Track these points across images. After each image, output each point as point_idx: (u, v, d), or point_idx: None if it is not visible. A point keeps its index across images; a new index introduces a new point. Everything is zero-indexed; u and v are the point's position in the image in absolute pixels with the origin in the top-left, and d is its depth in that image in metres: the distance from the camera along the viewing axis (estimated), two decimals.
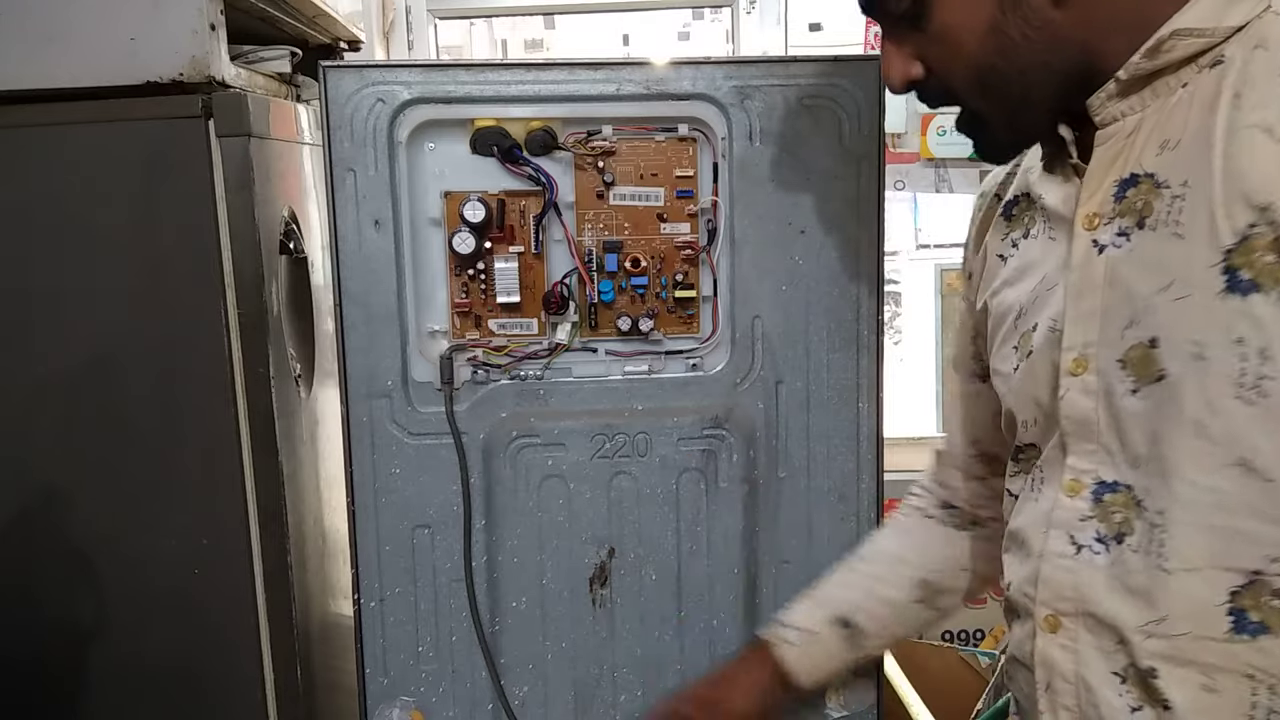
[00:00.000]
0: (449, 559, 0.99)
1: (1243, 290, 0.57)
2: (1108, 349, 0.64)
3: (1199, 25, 0.60)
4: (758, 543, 1.03)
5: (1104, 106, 0.64)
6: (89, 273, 0.96)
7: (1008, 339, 0.74)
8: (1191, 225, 0.60)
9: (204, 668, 1.02)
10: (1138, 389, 0.62)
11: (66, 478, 0.99)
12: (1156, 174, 0.62)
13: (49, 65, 0.92)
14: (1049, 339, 0.68)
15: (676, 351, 1.00)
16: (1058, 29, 0.63)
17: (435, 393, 0.97)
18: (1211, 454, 0.59)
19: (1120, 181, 0.64)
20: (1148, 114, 0.63)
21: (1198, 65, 0.61)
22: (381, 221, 0.93)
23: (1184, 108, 0.61)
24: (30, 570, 1.00)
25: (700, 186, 0.97)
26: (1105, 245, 0.64)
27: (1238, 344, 0.57)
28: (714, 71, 0.94)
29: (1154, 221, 0.62)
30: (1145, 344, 0.62)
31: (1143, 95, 0.63)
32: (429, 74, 0.92)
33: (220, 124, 0.94)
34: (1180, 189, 0.60)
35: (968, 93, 0.68)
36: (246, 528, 0.99)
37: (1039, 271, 0.71)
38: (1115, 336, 0.64)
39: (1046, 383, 0.68)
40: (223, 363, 0.96)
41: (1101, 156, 0.65)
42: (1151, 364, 0.61)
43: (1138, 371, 0.62)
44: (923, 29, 0.66)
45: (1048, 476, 0.70)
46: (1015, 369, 0.72)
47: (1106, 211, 0.65)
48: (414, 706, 1.00)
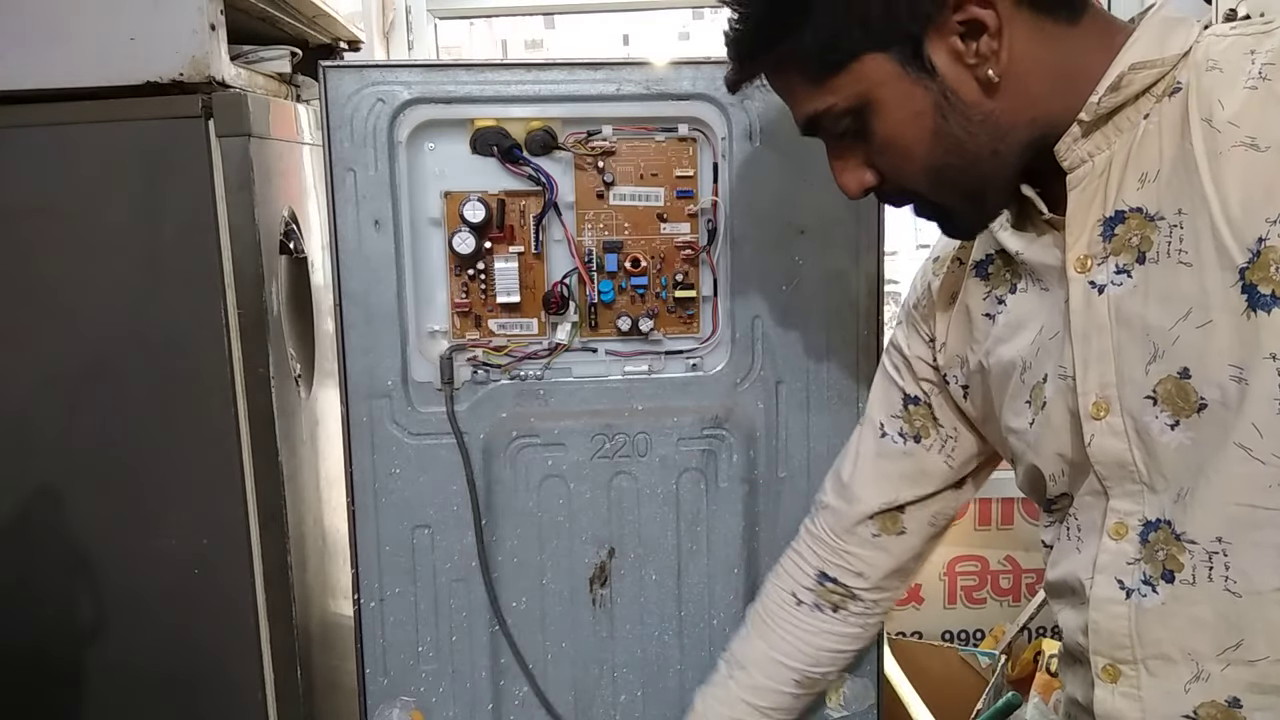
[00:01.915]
0: (449, 559, 0.99)
1: (1265, 306, 0.56)
2: (1132, 387, 0.63)
3: (1148, 58, 0.61)
4: (758, 543, 1.03)
5: (1070, 150, 0.64)
6: (89, 273, 0.95)
7: (1017, 395, 0.73)
8: (1197, 251, 0.59)
9: (204, 668, 1.02)
10: (1177, 422, 0.62)
11: (67, 478, 0.98)
12: (1145, 207, 0.62)
13: (49, 65, 0.92)
14: (1061, 387, 0.67)
15: (676, 351, 1.00)
16: (999, 118, 0.63)
17: (435, 393, 0.97)
18: (1265, 474, 0.58)
19: (1105, 220, 0.64)
20: (1115, 150, 0.63)
21: (1154, 95, 0.62)
22: (381, 221, 0.93)
23: (1154, 138, 0.62)
24: (30, 570, 1.00)
25: (700, 186, 0.97)
26: (1104, 285, 0.64)
27: (1271, 360, 0.57)
28: (714, 71, 0.94)
29: (1155, 254, 0.61)
30: (1175, 376, 0.61)
31: (1106, 133, 0.63)
32: (429, 74, 0.92)
33: (220, 124, 0.94)
34: (1176, 218, 0.60)
35: (927, 191, 0.68)
36: (246, 528, 0.99)
37: (1035, 323, 0.71)
38: (1138, 374, 0.63)
39: (1068, 431, 0.68)
40: (223, 363, 0.96)
41: (1079, 200, 0.65)
42: (1188, 395, 0.61)
43: (1174, 405, 0.62)
44: (868, 142, 0.66)
45: (1084, 524, 0.69)
46: (1031, 424, 0.71)
47: (1097, 252, 0.64)
48: (414, 706, 1.00)
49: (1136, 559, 0.65)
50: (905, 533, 0.88)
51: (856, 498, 0.88)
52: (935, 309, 0.82)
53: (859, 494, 0.88)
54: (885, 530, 0.88)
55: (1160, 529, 0.64)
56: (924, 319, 0.83)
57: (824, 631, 0.91)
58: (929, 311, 0.83)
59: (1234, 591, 0.60)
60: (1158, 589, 0.64)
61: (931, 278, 0.83)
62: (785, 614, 0.92)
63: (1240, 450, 0.59)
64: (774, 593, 0.94)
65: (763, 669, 0.92)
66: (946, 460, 0.85)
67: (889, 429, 0.87)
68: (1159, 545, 0.64)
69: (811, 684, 0.94)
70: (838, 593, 0.91)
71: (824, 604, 0.91)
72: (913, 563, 0.91)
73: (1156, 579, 0.64)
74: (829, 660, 0.93)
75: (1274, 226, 0.56)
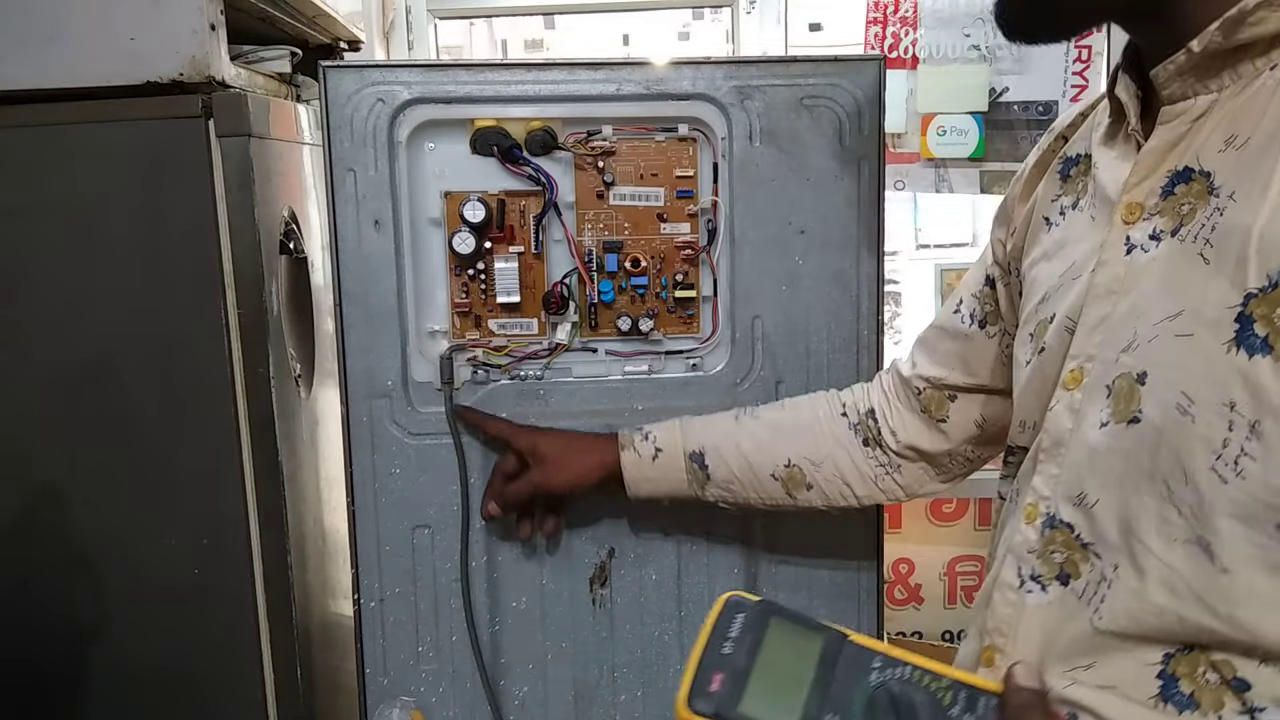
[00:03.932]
0: (449, 559, 0.99)
1: (1250, 348, 0.48)
2: (1102, 368, 0.57)
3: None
4: (758, 543, 1.03)
5: (1172, 80, 0.54)
6: (89, 273, 0.95)
7: (1028, 323, 0.67)
8: (1222, 250, 0.50)
9: (204, 667, 1.02)
10: (1107, 423, 0.55)
11: (66, 478, 0.98)
12: (1214, 174, 0.52)
13: (49, 65, 0.92)
14: (1061, 340, 0.61)
15: (676, 351, 1.00)
16: None
17: (435, 393, 0.97)
18: (1176, 523, 0.51)
19: (1173, 173, 0.55)
20: (1224, 96, 0.52)
21: None
22: (381, 221, 0.93)
23: (1265, 97, 0.51)
24: (30, 570, 1.00)
25: (700, 186, 0.97)
26: (1134, 245, 0.56)
27: (1229, 409, 0.49)
28: (714, 71, 0.94)
29: (1187, 232, 0.53)
30: (1133, 376, 0.54)
31: (1220, 75, 0.52)
32: (429, 74, 0.92)
33: (220, 124, 0.93)
34: (1226, 201, 0.51)
35: None
36: (246, 528, 0.99)
37: (1073, 253, 0.63)
38: (1112, 357, 0.56)
39: (1051, 385, 0.61)
40: (223, 363, 0.96)
41: (1162, 138, 0.55)
42: (1131, 401, 0.54)
43: (1115, 404, 0.55)
44: None
45: (1020, 490, 0.64)
46: (1028, 362, 0.66)
47: (1151, 205, 0.56)
48: (414, 706, 1.00)
49: (1034, 550, 0.60)
50: (946, 422, 0.83)
51: (913, 361, 0.85)
52: (1022, 186, 0.74)
53: (916, 359, 0.85)
54: (930, 408, 0.84)
55: (1058, 529, 0.58)
56: (1014, 200, 0.75)
57: (846, 446, 0.88)
58: (1017, 191, 0.74)
59: (1098, 627, 0.55)
60: (1047, 589, 0.59)
61: (1035, 151, 0.74)
62: (825, 411, 0.90)
63: (1162, 485, 0.52)
64: (825, 395, 0.92)
65: (771, 432, 0.89)
66: (1002, 356, 0.78)
67: (964, 307, 0.81)
68: (1054, 546, 0.58)
69: (793, 482, 0.88)
70: (875, 433, 0.87)
71: (861, 430, 0.88)
72: (945, 460, 0.86)
73: (1049, 579, 0.59)
74: (828, 473, 0.88)
75: None
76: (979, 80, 1.58)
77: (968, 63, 1.60)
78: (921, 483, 0.89)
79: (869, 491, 0.89)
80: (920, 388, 0.84)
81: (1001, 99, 1.61)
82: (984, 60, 1.60)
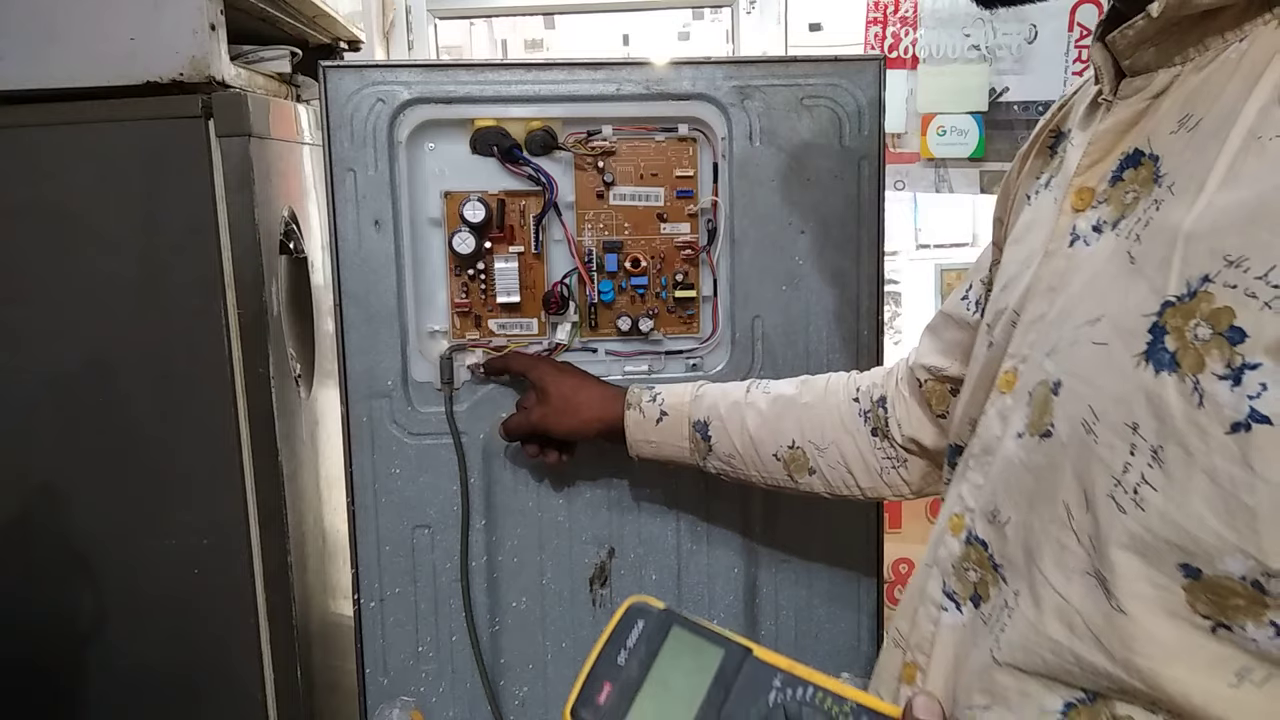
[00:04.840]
0: (449, 559, 0.99)
1: (1159, 364, 0.42)
2: (1029, 373, 0.51)
3: None
4: (757, 543, 1.03)
5: (1131, 49, 0.48)
6: (89, 273, 0.95)
7: (989, 312, 0.61)
8: (1148, 249, 0.44)
9: (204, 667, 1.02)
10: (1023, 434, 0.50)
11: (66, 478, 0.98)
12: (1162, 159, 0.46)
13: (49, 65, 0.92)
14: (1006, 336, 0.56)
15: (676, 351, 1.00)
16: None
17: (435, 393, 0.97)
18: (1075, 552, 0.46)
19: (1124, 156, 0.49)
20: (1186, 71, 0.46)
21: (1271, 16, 0.43)
22: (381, 221, 0.93)
23: (1226, 73, 0.44)
24: (30, 570, 1.00)
25: (700, 186, 0.97)
26: (1079, 237, 0.50)
27: (1131, 431, 0.42)
28: (714, 71, 0.94)
29: (1125, 226, 0.47)
30: (1050, 385, 0.48)
31: (1185, 49, 0.46)
32: (429, 74, 0.92)
33: (220, 124, 0.93)
34: (1165, 192, 0.45)
35: None
36: (246, 528, 0.99)
37: (1034, 239, 0.57)
38: (1038, 361, 0.50)
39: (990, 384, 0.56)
40: (223, 363, 0.96)
41: (1118, 115, 0.49)
42: (1045, 412, 0.48)
43: (1032, 414, 0.49)
44: None
45: (947, 496, 0.60)
46: (981, 355, 0.60)
47: (1101, 191, 0.50)
48: (414, 706, 1.00)
49: (955, 565, 0.55)
50: (947, 418, 0.77)
51: (919, 348, 0.80)
52: (1018, 165, 0.67)
53: (922, 345, 0.80)
54: (931, 402, 0.78)
55: (974, 545, 0.54)
56: (1011, 176, 0.68)
57: (853, 434, 0.83)
58: (1016, 166, 0.68)
59: (997, 660, 0.50)
60: (961, 608, 0.54)
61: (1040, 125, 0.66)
62: (839, 394, 0.85)
63: (1063, 509, 0.46)
64: (844, 376, 0.87)
65: (780, 410, 0.85)
66: None
67: (972, 293, 0.74)
68: (969, 563, 0.54)
69: (795, 464, 0.85)
70: (883, 423, 0.82)
71: (870, 419, 0.82)
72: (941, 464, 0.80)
73: (964, 598, 0.54)
74: (832, 459, 0.83)
75: (1233, 270, 0.39)
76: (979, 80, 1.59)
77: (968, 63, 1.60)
78: (928, 480, 0.83)
79: (873, 483, 0.84)
80: (923, 379, 0.79)
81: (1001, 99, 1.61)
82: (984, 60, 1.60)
